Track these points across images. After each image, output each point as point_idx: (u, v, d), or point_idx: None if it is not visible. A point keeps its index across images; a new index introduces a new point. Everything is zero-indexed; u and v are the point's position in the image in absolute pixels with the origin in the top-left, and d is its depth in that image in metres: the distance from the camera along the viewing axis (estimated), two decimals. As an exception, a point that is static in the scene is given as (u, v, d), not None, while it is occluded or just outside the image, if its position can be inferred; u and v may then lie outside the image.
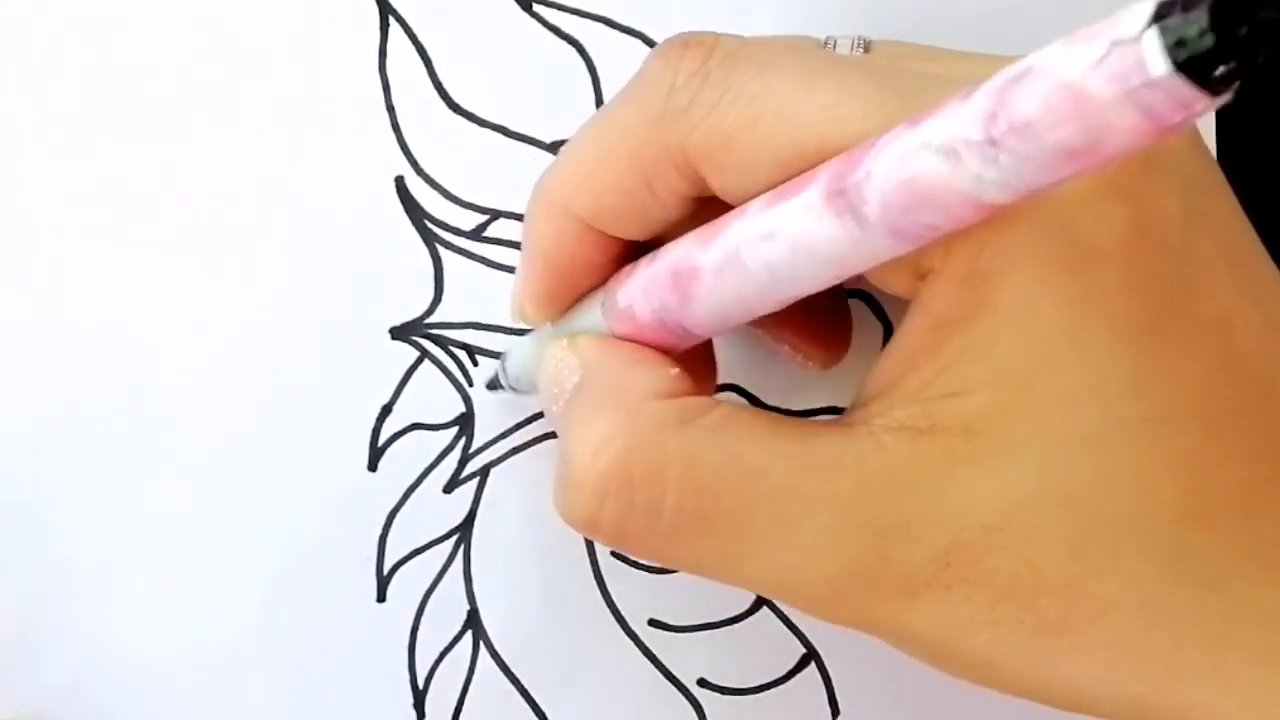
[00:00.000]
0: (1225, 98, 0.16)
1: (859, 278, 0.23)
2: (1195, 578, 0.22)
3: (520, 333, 0.30)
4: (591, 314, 0.26)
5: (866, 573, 0.23)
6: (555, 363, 0.26)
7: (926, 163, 0.19)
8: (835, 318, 0.29)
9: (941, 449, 0.22)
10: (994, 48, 0.24)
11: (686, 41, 0.24)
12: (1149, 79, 0.16)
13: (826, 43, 0.27)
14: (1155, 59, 0.16)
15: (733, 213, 0.23)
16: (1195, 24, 0.16)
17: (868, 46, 0.27)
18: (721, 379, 0.31)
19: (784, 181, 0.22)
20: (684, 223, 0.25)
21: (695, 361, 0.27)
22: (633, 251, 0.26)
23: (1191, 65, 0.16)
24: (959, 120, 0.19)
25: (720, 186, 0.24)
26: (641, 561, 0.31)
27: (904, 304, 0.24)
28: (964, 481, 0.22)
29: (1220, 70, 0.16)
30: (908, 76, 0.23)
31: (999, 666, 0.23)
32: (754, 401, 0.31)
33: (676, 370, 0.25)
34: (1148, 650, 0.22)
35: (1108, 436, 0.22)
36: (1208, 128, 0.30)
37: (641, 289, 0.25)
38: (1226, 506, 0.22)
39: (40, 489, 0.30)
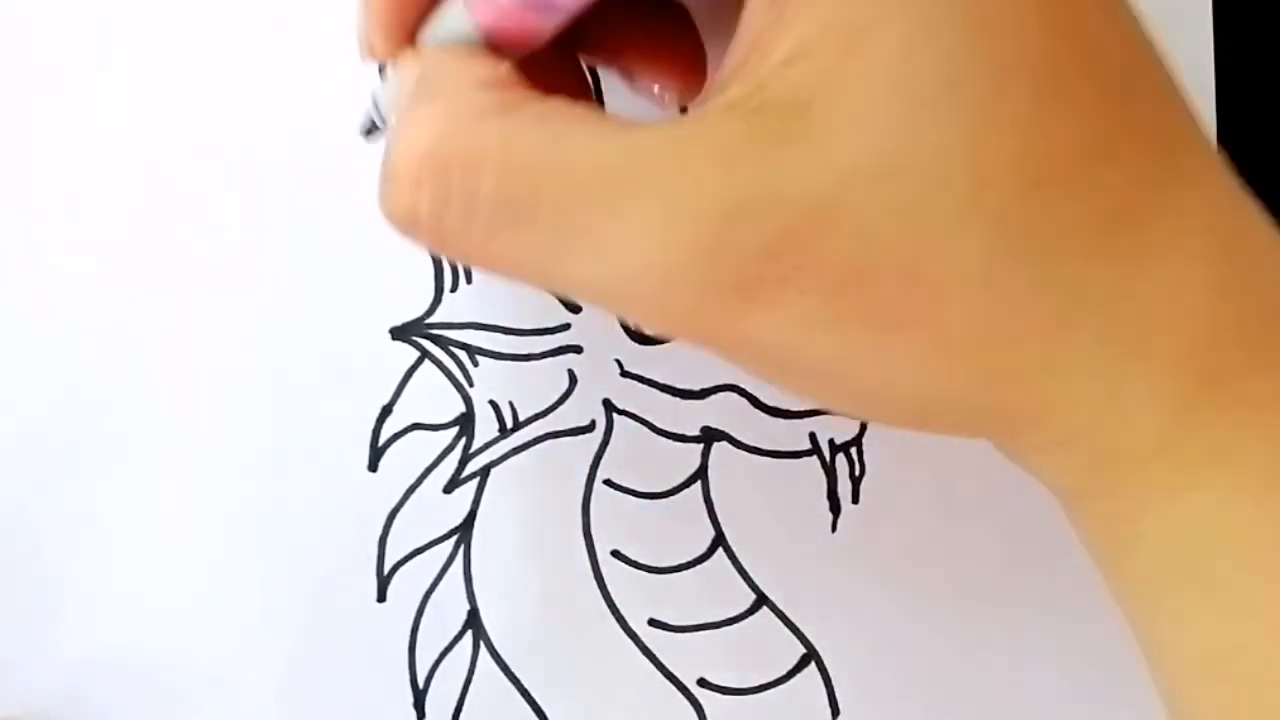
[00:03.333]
0: None
1: None
2: (1030, 253, 0.21)
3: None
4: (453, 13, 0.24)
5: (697, 265, 0.21)
6: (400, 72, 0.25)
7: None
8: (685, 43, 0.28)
9: (773, 126, 0.21)
10: None
11: None
12: None
13: None
14: None
15: None
16: None
17: None
18: (719, 380, 0.31)
19: None
20: None
21: (569, 86, 0.26)
22: None
23: None
24: None
25: None
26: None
27: None
28: (796, 161, 0.21)
29: None
30: None
31: (841, 373, 0.22)
32: (753, 403, 0.31)
33: (507, 64, 0.23)
34: (987, 339, 0.22)
35: (941, 96, 0.21)
36: (1208, 118, 0.30)
37: None
38: (1062, 174, 0.21)
39: (40, 489, 0.30)
